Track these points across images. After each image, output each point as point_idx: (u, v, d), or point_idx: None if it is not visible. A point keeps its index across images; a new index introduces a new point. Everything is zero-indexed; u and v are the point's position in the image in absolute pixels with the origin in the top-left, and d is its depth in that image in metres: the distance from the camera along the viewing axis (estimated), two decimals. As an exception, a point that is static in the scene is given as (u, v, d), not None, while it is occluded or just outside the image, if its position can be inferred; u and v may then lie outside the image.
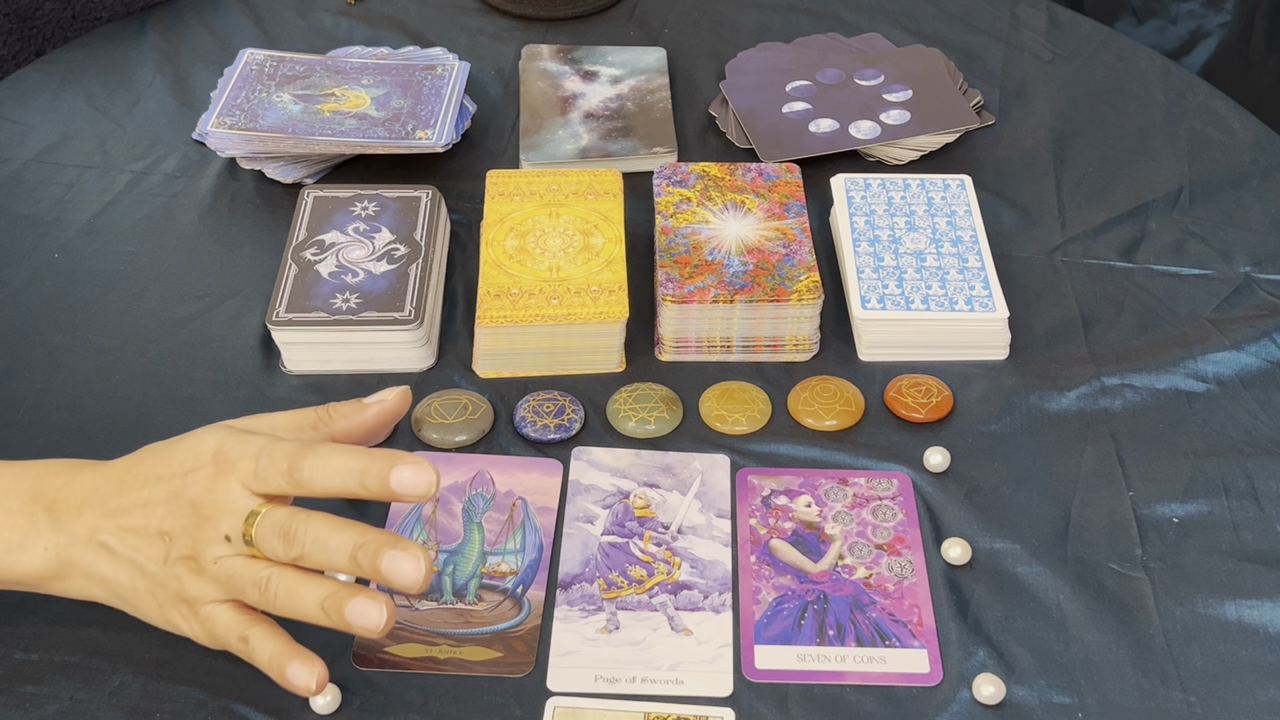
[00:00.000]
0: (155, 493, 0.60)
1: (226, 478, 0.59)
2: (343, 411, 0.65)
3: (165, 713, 0.64)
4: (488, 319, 0.78)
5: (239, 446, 0.60)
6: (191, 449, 0.61)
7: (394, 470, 0.58)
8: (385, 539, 0.58)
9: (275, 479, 0.59)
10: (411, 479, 0.58)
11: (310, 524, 0.58)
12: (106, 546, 0.60)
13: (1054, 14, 1.12)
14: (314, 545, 0.58)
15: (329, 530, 0.58)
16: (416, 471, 0.58)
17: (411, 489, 0.58)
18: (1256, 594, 0.69)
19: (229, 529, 0.59)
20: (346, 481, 0.59)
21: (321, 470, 0.59)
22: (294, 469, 0.59)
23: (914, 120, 0.97)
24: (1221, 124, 1.00)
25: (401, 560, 0.57)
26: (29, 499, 0.61)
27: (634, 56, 1.05)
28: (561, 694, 0.65)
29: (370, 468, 0.58)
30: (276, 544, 0.58)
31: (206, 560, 0.59)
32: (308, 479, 0.59)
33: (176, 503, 0.59)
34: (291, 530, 0.58)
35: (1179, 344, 0.83)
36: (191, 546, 0.59)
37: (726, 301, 0.80)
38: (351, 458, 0.59)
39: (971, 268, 0.84)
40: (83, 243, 0.90)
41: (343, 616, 0.58)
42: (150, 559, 0.59)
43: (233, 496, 0.59)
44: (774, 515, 0.73)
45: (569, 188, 0.87)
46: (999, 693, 0.64)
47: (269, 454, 0.59)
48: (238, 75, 0.98)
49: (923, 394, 0.79)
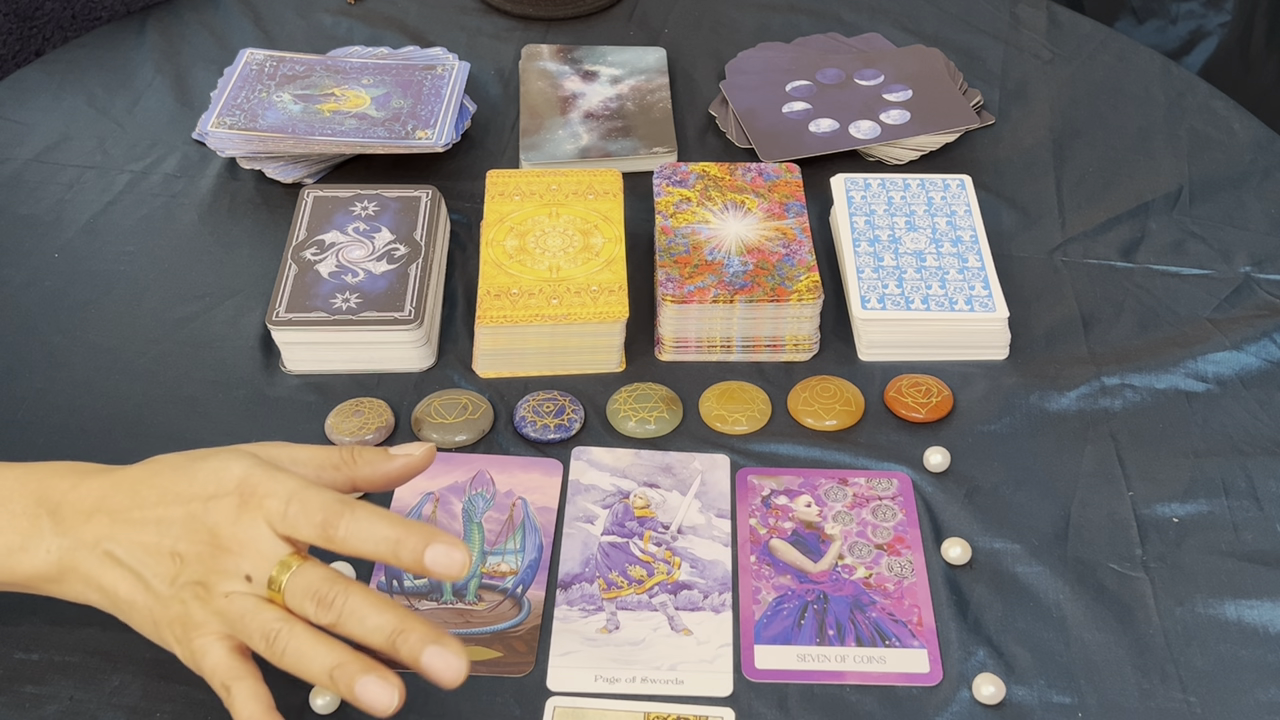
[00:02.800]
0: (172, 511, 0.59)
1: (252, 513, 0.58)
2: (368, 459, 0.63)
3: (165, 713, 0.64)
4: (488, 319, 0.78)
5: (267, 482, 0.59)
6: (214, 472, 0.59)
7: (430, 548, 0.57)
8: (427, 630, 0.57)
9: (306, 529, 0.58)
10: (445, 560, 0.58)
11: (350, 596, 0.57)
12: (113, 556, 0.59)
13: (1054, 14, 1.12)
14: (350, 618, 0.57)
15: (368, 607, 0.57)
16: (450, 552, 0.58)
17: (444, 569, 0.58)
18: (1256, 594, 0.69)
19: (251, 569, 0.57)
20: (380, 549, 0.58)
21: (357, 533, 0.58)
22: (329, 524, 0.58)
23: (914, 120, 0.97)
24: (1221, 124, 1.00)
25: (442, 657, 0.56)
26: (33, 501, 0.61)
27: (634, 56, 1.05)
28: (561, 694, 0.65)
29: (406, 540, 0.57)
30: (308, 605, 0.57)
31: (217, 592, 0.58)
32: (342, 538, 0.58)
33: (193, 527, 0.58)
34: (329, 598, 0.57)
35: (1179, 344, 0.83)
36: (203, 574, 0.58)
37: (726, 301, 0.80)
38: (389, 526, 0.58)
39: (971, 268, 0.84)
40: (83, 243, 0.90)
41: (352, 692, 0.56)
42: (157, 577, 0.59)
43: (257, 535, 0.58)
44: (774, 515, 0.73)
45: (569, 188, 0.87)
46: (999, 693, 0.64)
47: (302, 501, 0.58)
48: (238, 75, 0.98)
49: (923, 394, 0.79)
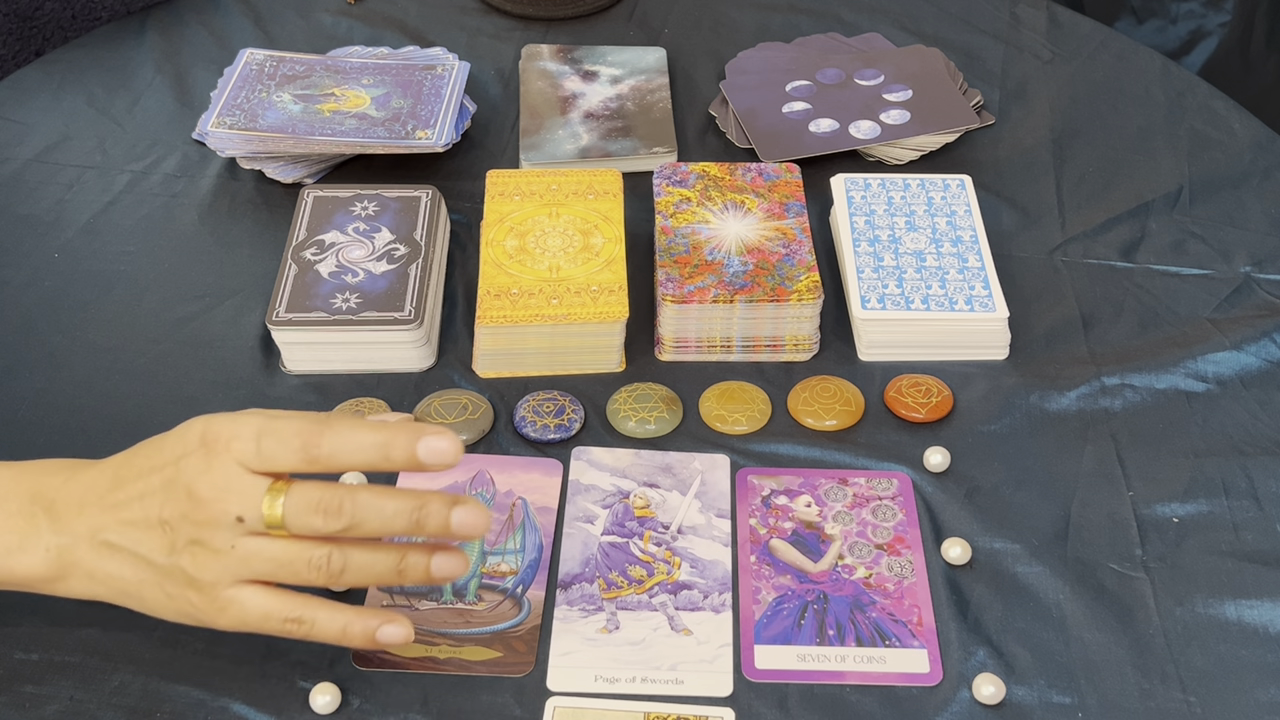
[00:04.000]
0: (150, 483, 0.59)
1: (219, 457, 0.58)
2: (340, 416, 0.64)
3: (165, 713, 0.64)
4: (488, 319, 0.78)
5: (229, 426, 0.58)
6: (178, 437, 0.60)
7: (421, 440, 0.57)
8: (446, 498, 0.58)
9: (284, 456, 0.57)
10: (439, 450, 0.57)
11: (356, 495, 0.57)
12: (109, 543, 0.59)
13: (1054, 14, 1.12)
14: (367, 514, 0.57)
15: (381, 498, 0.57)
16: (443, 441, 0.57)
17: (439, 457, 0.57)
18: (1256, 594, 0.69)
19: (239, 509, 0.57)
20: (369, 455, 0.57)
21: (343, 444, 0.57)
22: (309, 445, 0.57)
23: (914, 120, 0.97)
24: (1221, 124, 1.00)
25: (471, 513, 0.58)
26: (28, 500, 0.61)
27: (634, 56, 1.05)
28: (561, 694, 0.65)
29: (394, 440, 0.57)
30: (314, 519, 0.56)
31: (218, 544, 0.58)
32: (327, 454, 0.57)
33: (171, 490, 0.58)
34: (334, 504, 0.56)
35: (1179, 344, 0.83)
36: (195, 531, 0.58)
37: (726, 301, 0.80)
38: (373, 430, 0.57)
39: (971, 268, 0.84)
40: (83, 243, 0.90)
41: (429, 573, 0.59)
42: (154, 550, 0.59)
43: (230, 476, 0.57)
44: (774, 515, 0.73)
45: (569, 188, 0.87)
46: (999, 693, 0.64)
47: (272, 432, 0.58)
48: (238, 75, 0.98)
49: (923, 394, 0.79)
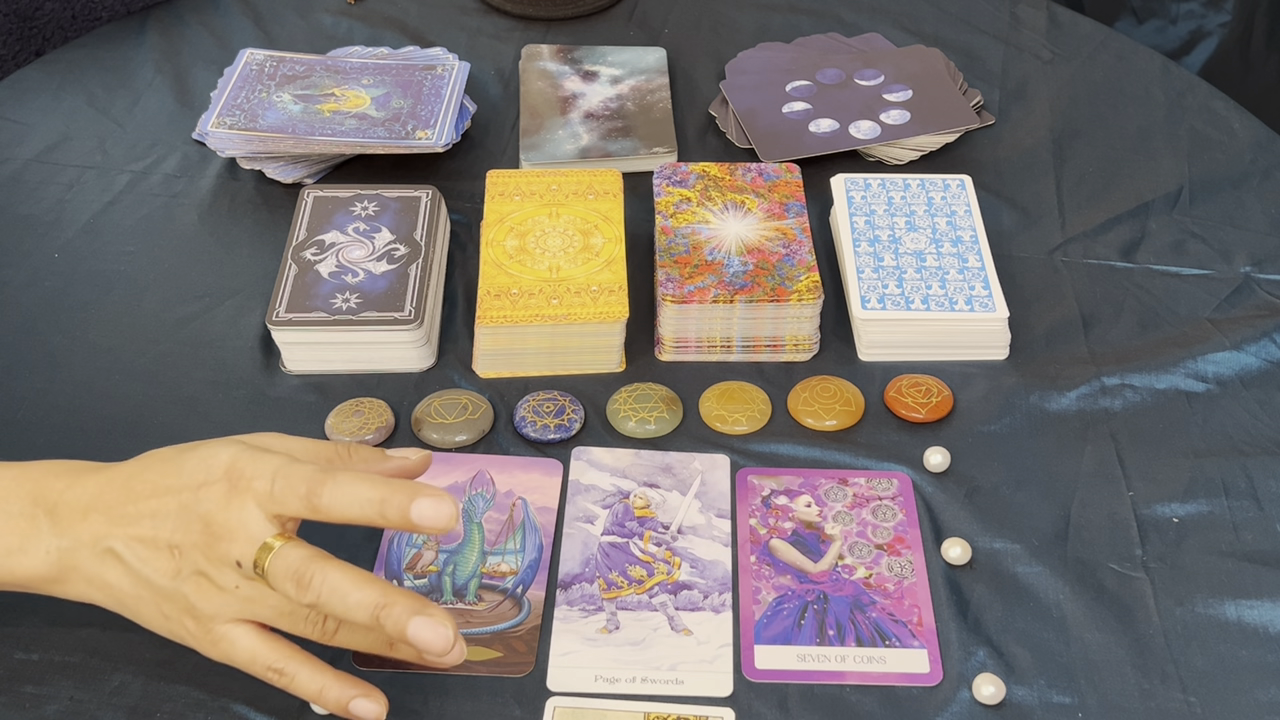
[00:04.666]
0: (165, 504, 0.59)
1: (241, 497, 0.58)
2: (363, 456, 0.63)
3: (165, 713, 0.64)
4: (488, 319, 0.78)
5: (254, 464, 0.58)
6: (203, 460, 0.59)
7: (415, 503, 0.57)
8: (411, 602, 0.57)
9: (292, 502, 0.57)
10: (431, 512, 0.57)
11: (328, 574, 0.57)
12: (114, 554, 0.59)
13: (1054, 14, 1.12)
14: (331, 595, 0.56)
15: (349, 584, 0.57)
16: (437, 505, 0.57)
17: (431, 522, 0.57)
18: (1256, 594, 0.69)
19: (240, 554, 0.57)
20: (366, 511, 0.57)
21: (341, 498, 0.57)
22: (312, 494, 0.57)
23: (914, 120, 0.97)
24: (1221, 124, 1.00)
25: (428, 628, 0.56)
26: (30, 501, 0.61)
27: (634, 56, 1.05)
28: (561, 694, 0.65)
29: (391, 499, 0.57)
30: (289, 586, 0.57)
31: (223, 582, 0.58)
32: (326, 505, 0.57)
33: (187, 517, 0.58)
34: (307, 577, 0.56)
35: (1179, 344, 0.83)
36: (203, 563, 0.58)
37: (726, 301, 0.80)
38: (372, 487, 0.58)
39: (971, 268, 0.84)
40: (83, 243, 0.90)
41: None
42: (159, 572, 0.59)
43: (247, 519, 0.57)
44: (774, 515, 0.73)
45: (569, 188, 0.87)
46: (999, 693, 0.64)
47: (285, 476, 0.58)
48: (238, 75, 0.98)
49: (923, 394, 0.79)
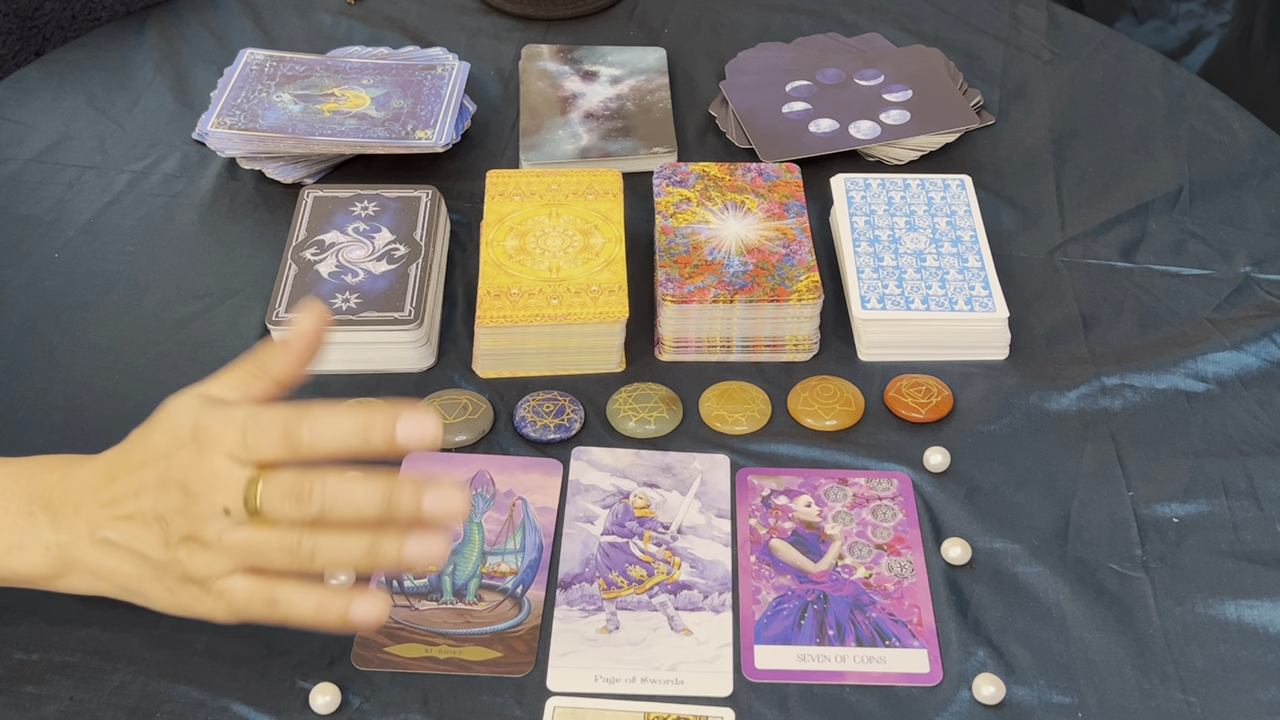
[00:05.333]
0: (143, 478, 0.59)
1: (210, 452, 0.57)
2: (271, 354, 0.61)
3: (165, 713, 0.64)
4: (488, 319, 0.78)
5: (217, 418, 0.58)
6: (167, 430, 0.59)
7: (400, 422, 0.56)
8: (418, 480, 0.57)
9: (269, 446, 0.57)
10: (417, 427, 0.56)
11: (326, 481, 0.56)
12: (108, 540, 0.59)
13: (1054, 14, 1.12)
14: (338, 500, 0.56)
15: (352, 483, 0.56)
16: (420, 420, 0.57)
17: (418, 438, 0.57)
18: (1256, 594, 0.69)
19: (226, 501, 0.57)
20: (350, 439, 0.57)
21: (322, 432, 0.57)
22: (290, 434, 0.57)
23: (914, 120, 0.97)
24: (1221, 124, 1.00)
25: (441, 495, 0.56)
26: (26, 498, 0.61)
27: (634, 56, 1.05)
28: (561, 694, 0.65)
29: (373, 423, 0.56)
30: (288, 506, 0.56)
31: (209, 536, 0.58)
32: (308, 442, 0.57)
33: (164, 485, 0.58)
34: (305, 490, 0.56)
35: (1179, 344, 0.83)
36: (189, 526, 0.58)
37: (726, 301, 0.80)
38: (352, 415, 0.57)
39: (971, 268, 0.84)
40: (83, 243, 0.90)
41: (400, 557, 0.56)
42: (150, 545, 0.59)
43: (220, 469, 0.57)
44: (774, 515, 0.73)
45: (569, 188, 0.87)
46: (999, 693, 0.64)
47: (257, 423, 0.57)
48: (238, 75, 0.98)
49: (923, 394, 0.79)
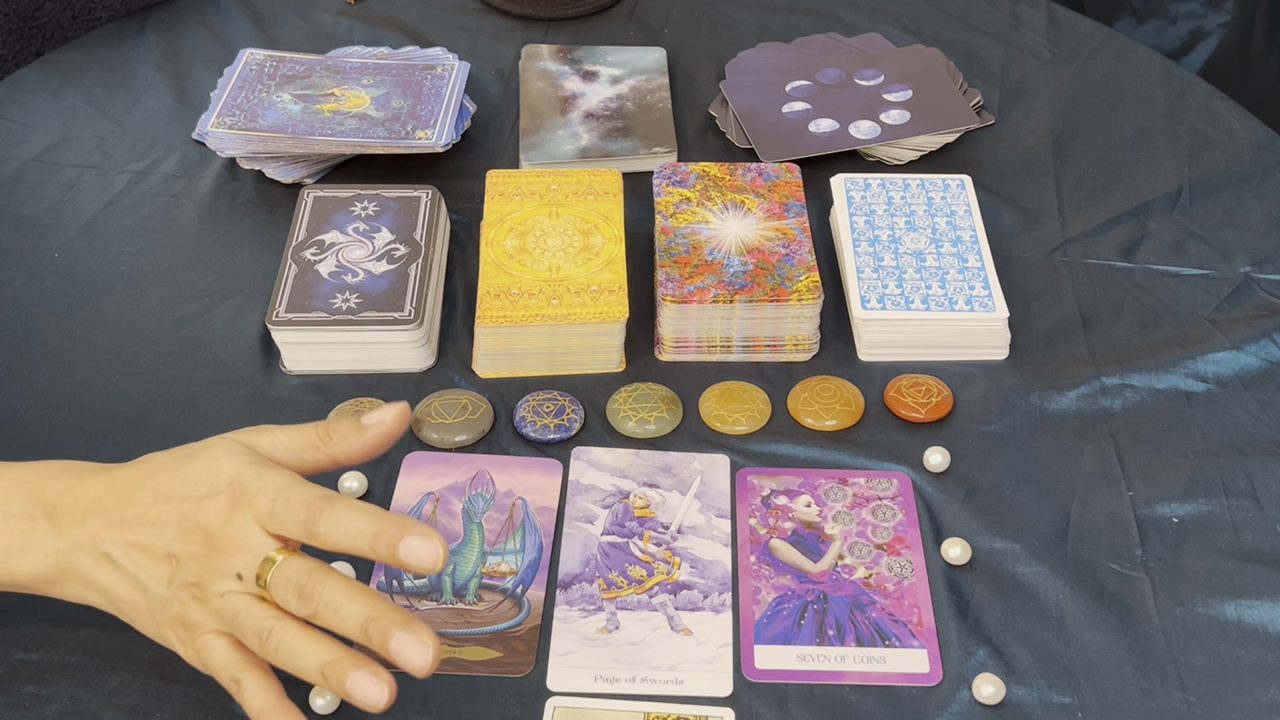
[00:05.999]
0: (165, 511, 0.59)
1: (243, 512, 0.58)
2: (342, 433, 0.64)
3: (165, 713, 0.64)
4: (487, 319, 0.78)
5: (257, 480, 0.59)
6: (205, 472, 0.60)
7: (404, 541, 0.58)
8: (397, 617, 0.57)
9: (290, 525, 0.59)
10: (420, 551, 0.58)
11: (327, 586, 0.57)
12: (110, 558, 0.59)
13: (1054, 14, 1.12)
14: (326, 608, 0.57)
15: (343, 596, 0.57)
16: (425, 545, 0.58)
17: (419, 561, 0.58)
18: (1256, 594, 0.69)
19: (241, 566, 0.58)
20: (358, 543, 0.58)
21: (335, 529, 0.58)
22: (310, 521, 0.58)
23: (914, 120, 0.97)
24: (1221, 124, 1.00)
25: (409, 644, 0.57)
26: (29, 503, 0.61)
27: (634, 56, 1.05)
28: (561, 694, 0.65)
29: (382, 534, 0.58)
30: (290, 597, 0.57)
31: (212, 592, 0.58)
32: (322, 534, 0.58)
33: (187, 527, 0.59)
34: (308, 588, 0.57)
35: (1179, 344, 0.83)
36: (199, 575, 0.58)
37: (726, 301, 0.80)
38: (365, 520, 0.59)
39: (971, 268, 0.84)
40: (83, 243, 0.90)
41: (343, 687, 0.57)
42: (154, 579, 0.59)
43: (248, 533, 0.58)
44: (774, 515, 0.73)
45: (569, 188, 0.87)
46: (999, 693, 0.64)
47: (286, 499, 0.59)
48: (238, 75, 0.98)
49: (923, 394, 0.79)
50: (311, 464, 0.63)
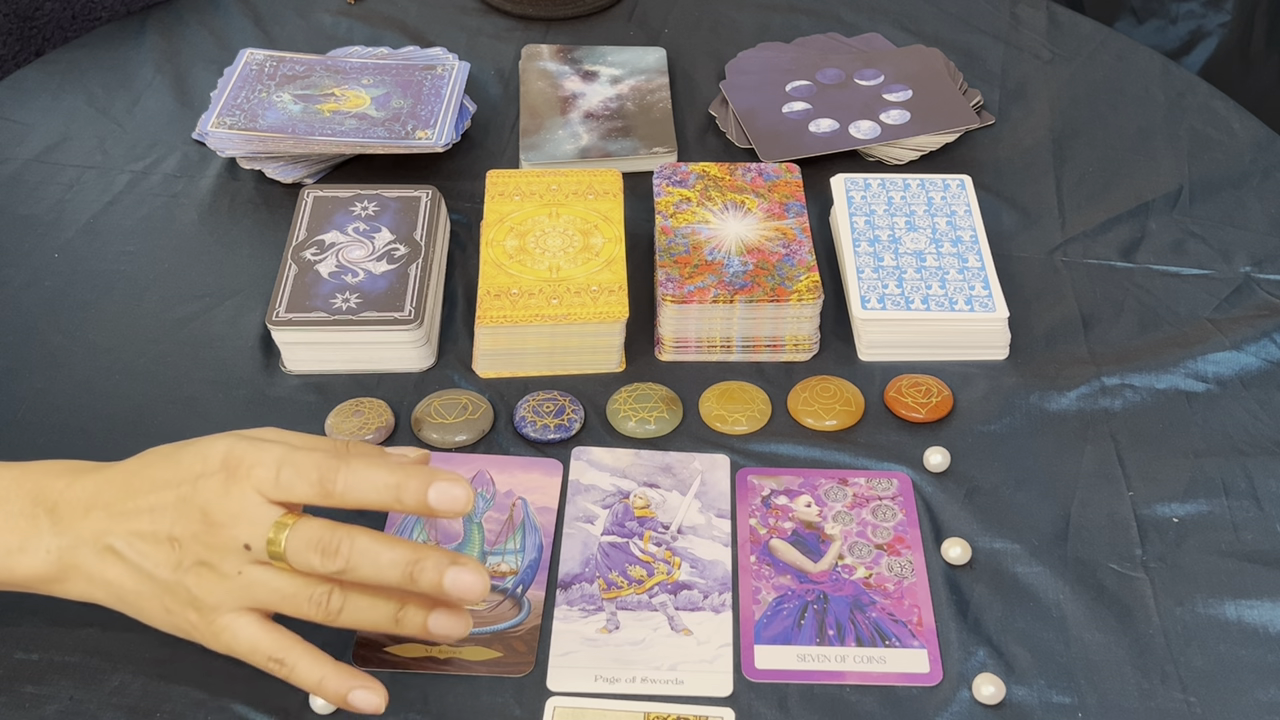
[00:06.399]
0: (163, 497, 0.59)
1: (240, 484, 0.58)
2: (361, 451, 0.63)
3: (165, 713, 0.64)
4: (488, 319, 0.78)
5: (252, 452, 0.58)
6: (199, 454, 0.59)
7: (433, 485, 0.57)
8: (443, 555, 0.57)
9: (301, 488, 0.57)
10: (451, 493, 0.57)
11: (355, 539, 0.57)
12: (113, 550, 0.59)
13: (1054, 14, 1.12)
14: (362, 559, 0.56)
15: (379, 545, 0.57)
16: (455, 486, 0.58)
17: (451, 503, 0.58)
18: (1256, 594, 0.69)
19: (248, 537, 0.57)
20: (382, 495, 0.57)
21: (357, 482, 0.57)
22: (326, 479, 0.57)
23: (914, 120, 0.97)
24: (1221, 124, 1.00)
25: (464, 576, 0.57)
26: (30, 501, 0.61)
27: (634, 56, 1.05)
28: (561, 694, 0.65)
29: (407, 482, 0.57)
30: (313, 557, 0.57)
31: (225, 569, 0.58)
32: (341, 490, 0.57)
33: (185, 508, 0.58)
34: (333, 545, 0.56)
35: (1179, 344, 0.83)
36: (204, 553, 0.58)
37: (726, 301, 0.80)
38: (388, 471, 0.58)
39: (971, 268, 0.84)
40: (83, 243, 0.90)
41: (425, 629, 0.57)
42: (159, 565, 0.59)
43: (249, 504, 0.58)
44: (774, 515, 0.73)
45: (569, 188, 0.87)
46: (999, 693, 0.64)
47: (293, 463, 0.58)
48: (238, 75, 0.98)
49: (923, 394, 0.79)
50: None
